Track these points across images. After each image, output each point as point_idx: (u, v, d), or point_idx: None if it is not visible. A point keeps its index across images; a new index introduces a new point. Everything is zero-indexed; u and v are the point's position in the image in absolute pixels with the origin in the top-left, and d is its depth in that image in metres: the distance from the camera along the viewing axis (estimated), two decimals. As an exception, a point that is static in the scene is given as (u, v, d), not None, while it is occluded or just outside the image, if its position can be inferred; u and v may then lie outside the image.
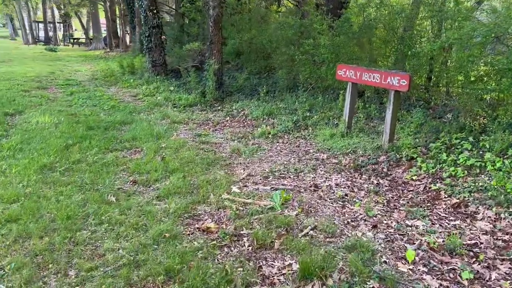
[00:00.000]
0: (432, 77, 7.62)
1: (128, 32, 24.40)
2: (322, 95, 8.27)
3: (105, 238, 3.35)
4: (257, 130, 7.14)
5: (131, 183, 4.61)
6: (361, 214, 3.98)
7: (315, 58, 8.67)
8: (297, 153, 6.04)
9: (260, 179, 4.89)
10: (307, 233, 3.59)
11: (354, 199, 4.33)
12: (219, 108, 8.88)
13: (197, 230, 3.62)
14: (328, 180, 4.92)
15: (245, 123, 7.79)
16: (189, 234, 3.53)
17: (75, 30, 39.30)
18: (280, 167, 5.33)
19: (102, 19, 29.15)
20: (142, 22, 12.36)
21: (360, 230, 3.68)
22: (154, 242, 3.31)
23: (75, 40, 31.03)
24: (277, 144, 6.52)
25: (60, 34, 35.93)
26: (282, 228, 3.65)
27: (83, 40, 30.94)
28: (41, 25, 33.54)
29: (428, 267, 3.10)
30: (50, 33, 33.29)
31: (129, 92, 10.47)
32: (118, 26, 26.97)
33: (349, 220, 3.88)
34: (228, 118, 8.10)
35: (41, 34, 33.79)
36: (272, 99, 8.96)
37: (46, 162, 4.89)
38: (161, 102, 9.09)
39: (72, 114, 7.57)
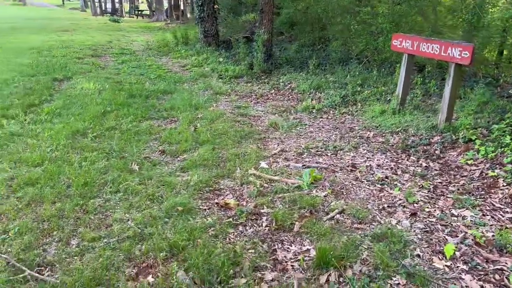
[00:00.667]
0: (504, 52, 6.64)
1: (189, 3, 24.49)
2: (377, 69, 7.59)
3: (117, 208, 3.21)
4: (301, 104, 6.72)
5: (159, 152, 4.47)
6: (400, 200, 3.51)
7: (372, 28, 7.95)
8: (340, 129, 5.57)
9: (293, 156, 4.53)
10: (333, 216, 3.21)
11: (395, 183, 3.85)
12: (265, 80, 8.52)
13: (215, 205, 3.38)
14: (369, 160, 4.44)
15: (290, 97, 7.38)
16: (205, 209, 3.30)
17: (141, 2, 40.31)
18: (318, 144, 4.92)
19: (165, -9, 29.53)
20: (196, -9, 12.16)
21: (396, 217, 3.23)
22: (166, 215, 3.12)
23: (139, 12, 31.78)
24: (320, 119, 6.07)
25: (126, 6, 37.01)
26: (306, 210, 3.30)
27: (147, 12, 31.59)
28: (109, -3, 34.90)
29: (470, 265, 2.62)
30: (117, 5, 34.42)
31: (179, 62, 10.41)
32: (179, -2, 27.16)
33: (385, 206, 3.43)
34: (273, 91, 7.73)
35: (109, 6, 35.05)
36: (322, 72, 8.42)
37: (79, 127, 4.89)
38: (207, 73, 8.90)
39: (118, 82, 7.61)
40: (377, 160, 4.47)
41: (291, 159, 4.42)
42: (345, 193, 3.65)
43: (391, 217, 3.25)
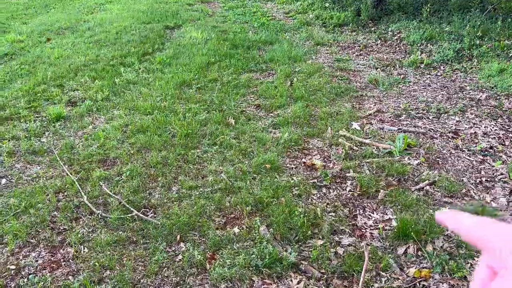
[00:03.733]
0: None
1: None
2: (503, 19, 6.63)
3: (213, 160, 3.51)
4: (408, 58, 6.28)
5: (255, 107, 4.65)
6: (501, 174, 3.24)
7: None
8: (448, 89, 5.13)
9: (390, 117, 4.36)
10: (422, 187, 3.11)
11: (500, 154, 3.52)
12: (372, 29, 8.02)
13: (301, 164, 3.50)
14: (475, 127, 4.09)
15: (397, 49, 6.90)
16: (292, 168, 3.44)
17: None
18: (419, 105, 4.64)
19: None
20: None
21: (493, 193, 3.01)
22: (254, 171, 3.34)
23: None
24: (428, 76, 5.63)
25: None
26: (393, 178, 3.24)
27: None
28: None
29: None
30: None
31: (283, 8, 10.26)
32: None
33: (483, 180, 3.20)
34: (378, 41, 7.29)
35: None
36: (437, 20, 7.62)
37: (186, 78, 5.27)
38: (311, 21, 8.67)
39: (223, 31, 7.86)
40: (485, 127, 4.11)
41: (387, 121, 4.26)
42: (440, 163, 3.47)
43: (487, 193, 3.04)
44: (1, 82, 5.05)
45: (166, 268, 2.39)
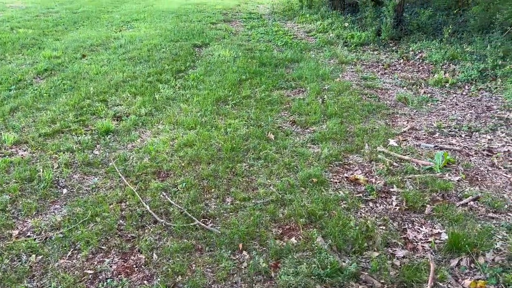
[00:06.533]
0: None
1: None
2: (525, 40, 6.81)
3: (260, 173, 3.67)
4: (432, 77, 6.45)
5: (290, 123, 4.82)
6: (542, 193, 3.36)
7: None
8: (476, 108, 5.29)
9: (424, 135, 4.51)
10: (467, 203, 3.24)
11: (538, 174, 3.65)
12: (393, 48, 8.24)
13: (345, 179, 3.65)
14: (508, 145, 4.22)
15: (420, 68, 7.09)
16: (336, 182, 3.59)
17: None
18: (451, 123, 4.79)
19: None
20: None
21: (536, 211, 3.13)
22: (301, 185, 3.49)
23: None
24: (454, 95, 5.80)
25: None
26: (437, 193, 3.38)
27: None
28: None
29: None
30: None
31: (304, 27, 10.54)
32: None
33: (524, 197, 3.32)
34: (401, 60, 7.49)
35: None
36: (457, 41, 7.83)
37: (221, 95, 5.47)
38: (332, 40, 8.91)
39: (249, 49, 8.10)
40: (518, 145, 4.23)
41: (422, 139, 4.41)
42: (479, 180, 3.60)
43: (531, 210, 3.16)
44: (47, 97, 5.28)
45: (233, 275, 2.52)
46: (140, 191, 3.33)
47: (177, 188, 3.39)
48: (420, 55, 7.65)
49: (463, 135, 4.51)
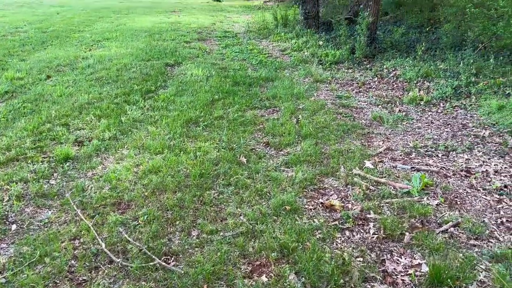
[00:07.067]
0: None
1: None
2: (495, 57, 6.86)
3: (230, 201, 3.44)
4: (407, 95, 6.40)
5: (264, 144, 4.62)
6: (522, 216, 3.23)
7: (491, 12, 7.16)
8: (452, 126, 5.22)
9: (400, 155, 4.38)
10: (447, 229, 3.08)
11: (517, 195, 3.53)
12: (367, 66, 8.21)
13: (320, 205, 3.45)
14: (485, 165, 4.13)
15: (395, 86, 7.05)
16: (310, 209, 3.38)
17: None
18: (427, 143, 4.68)
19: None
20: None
21: (518, 236, 2.99)
22: (274, 213, 3.27)
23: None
24: (429, 113, 5.73)
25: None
26: (416, 219, 3.21)
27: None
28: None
29: None
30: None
31: (279, 46, 10.47)
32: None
33: (504, 220, 3.19)
34: (376, 78, 7.44)
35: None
36: (431, 58, 7.86)
37: (192, 116, 5.24)
38: (307, 58, 8.85)
39: (223, 68, 7.93)
40: (494, 164, 4.14)
41: (398, 159, 4.27)
42: (459, 203, 3.46)
43: (511, 234, 3.02)
44: (5, 121, 4.93)
45: (196, 322, 2.26)
46: (96, 226, 3.03)
47: (138, 222, 3.12)
48: (394, 72, 7.63)
49: (439, 155, 4.39)
